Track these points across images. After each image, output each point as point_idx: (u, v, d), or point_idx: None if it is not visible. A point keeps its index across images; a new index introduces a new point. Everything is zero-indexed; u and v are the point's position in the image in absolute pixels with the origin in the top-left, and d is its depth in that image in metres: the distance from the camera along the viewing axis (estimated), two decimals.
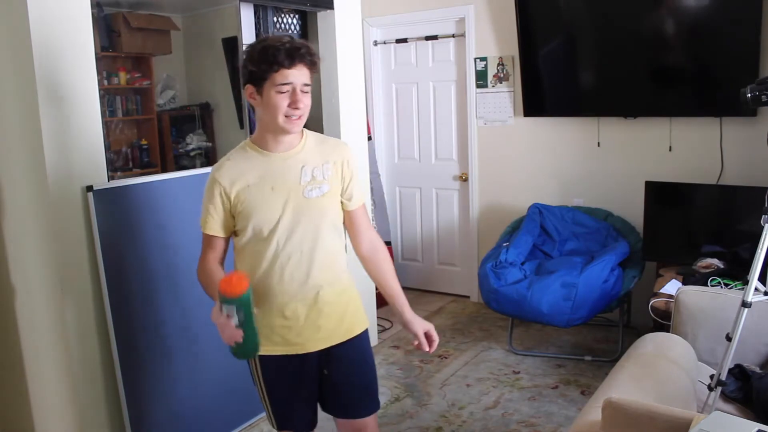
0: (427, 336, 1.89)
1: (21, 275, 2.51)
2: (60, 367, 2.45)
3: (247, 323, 1.63)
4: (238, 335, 1.62)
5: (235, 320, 1.61)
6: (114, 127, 3.66)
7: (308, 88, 1.74)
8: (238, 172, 1.78)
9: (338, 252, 1.89)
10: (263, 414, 3.09)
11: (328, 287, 1.85)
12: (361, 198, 1.93)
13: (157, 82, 3.77)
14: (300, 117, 1.74)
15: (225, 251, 1.87)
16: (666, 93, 3.70)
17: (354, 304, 1.94)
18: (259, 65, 1.69)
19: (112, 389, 2.51)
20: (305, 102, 1.74)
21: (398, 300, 1.92)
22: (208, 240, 1.85)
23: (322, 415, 1.98)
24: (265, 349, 1.80)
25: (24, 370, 2.59)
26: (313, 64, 1.73)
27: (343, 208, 1.89)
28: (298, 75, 1.70)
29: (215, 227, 1.83)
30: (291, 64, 1.68)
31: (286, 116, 1.72)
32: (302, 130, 1.85)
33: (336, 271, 1.88)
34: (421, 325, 1.89)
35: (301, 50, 1.69)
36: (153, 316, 2.59)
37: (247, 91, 1.74)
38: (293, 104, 1.70)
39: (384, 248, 1.97)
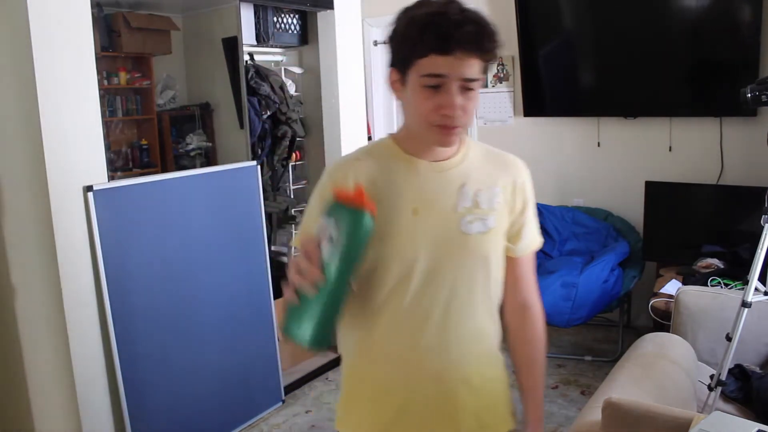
0: None
1: (21, 275, 2.51)
2: (60, 367, 2.44)
3: (343, 263, 1.04)
4: (318, 275, 1.03)
5: (327, 249, 1.04)
6: (114, 127, 3.66)
7: (476, 85, 1.14)
8: (366, 179, 1.18)
9: (493, 316, 1.30)
10: (263, 414, 3.11)
11: (475, 368, 1.28)
12: (534, 241, 1.32)
13: (157, 82, 3.77)
14: (456, 128, 1.15)
15: None
16: (666, 93, 3.70)
17: (504, 395, 1.36)
18: (401, 43, 1.14)
19: (113, 389, 2.51)
20: (465, 106, 1.14)
21: (535, 410, 1.36)
22: None
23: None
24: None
25: (24, 370, 2.59)
26: (486, 52, 1.13)
27: (505, 254, 1.29)
28: (457, 65, 1.10)
29: None
30: (447, 49, 1.09)
31: (430, 123, 1.14)
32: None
33: (489, 346, 1.31)
34: None
35: (467, 28, 1.10)
36: (153, 315, 2.59)
37: (391, 77, 1.20)
38: (442, 108, 1.12)
39: (542, 319, 1.36)
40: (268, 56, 3.84)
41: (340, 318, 1.10)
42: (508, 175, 1.28)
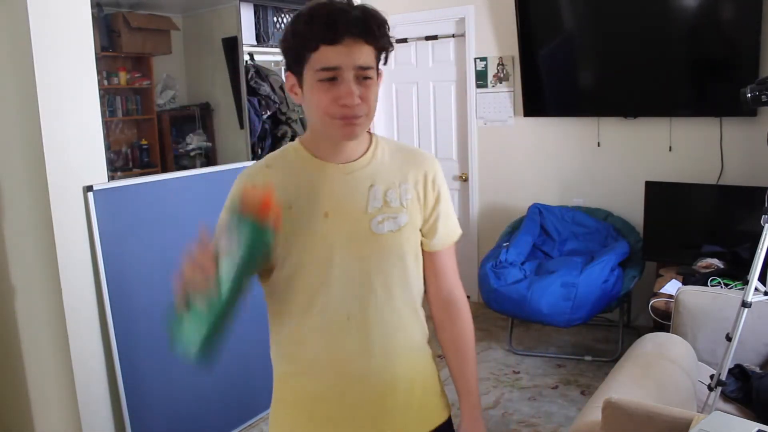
0: None
1: (21, 275, 2.51)
2: (60, 366, 2.45)
3: (237, 278, 1.02)
4: (211, 269, 1.02)
5: (225, 263, 1.02)
6: (114, 127, 3.66)
7: (371, 73, 1.14)
8: (277, 186, 1.14)
9: (416, 311, 1.31)
10: (263, 414, 3.10)
11: (402, 365, 1.28)
12: (451, 234, 1.32)
13: (157, 82, 3.77)
14: (357, 119, 1.14)
15: None
16: (666, 93, 3.70)
17: (434, 387, 1.37)
18: (291, 40, 1.13)
19: (113, 389, 2.51)
20: (364, 95, 1.13)
21: (468, 397, 1.35)
22: None
23: None
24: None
25: (24, 370, 2.59)
26: (376, 38, 1.13)
27: (422, 248, 1.30)
28: (348, 53, 1.10)
29: None
30: (335, 37, 1.09)
31: (331, 117, 1.13)
32: (371, 134, 1.28)
33: (413, 341, 1.31)
34: None
35: (353, 14, 1.10)
36: (153, 315, 2.59)
37: (288, 82, 1.19)
38: (340, 99, 1.11)
39: (468, 311, 1.37)
40: (268, 56, 3.84)
41: (227, 333, 1.07)
42: (418, 169, 1.27)
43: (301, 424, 1.28)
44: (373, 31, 1.12)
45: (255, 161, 1.32)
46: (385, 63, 1.19)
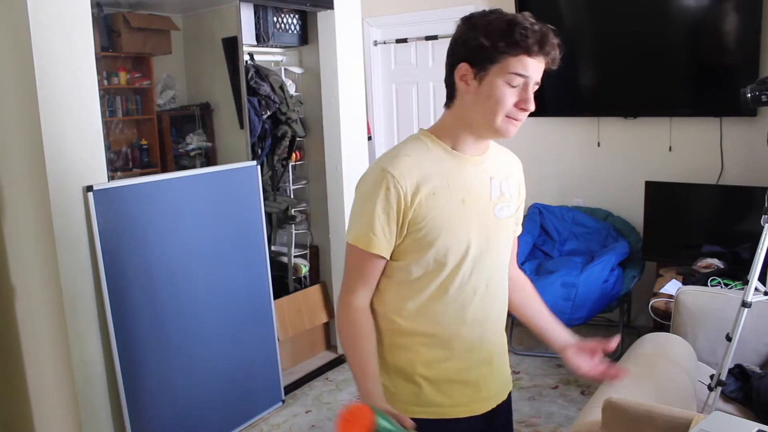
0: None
1: (21, 275, 2.51)
2: (60, 367, 2.45)
3: None
4: None
5: None
6: (114, 127, 3.66)
7: (537, 88, 1.31)
8: (421, 172, 1.30)
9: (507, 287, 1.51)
10: (263, 414, 3.11)
11: (499, 337, 1.49)
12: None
13: (157, 82, 3.76)
14: (520, 122, 1.33)
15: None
16: (666, 93, 3.70)
17: (506, 353, 1.55)
18: (496, 41, 1.24)
19: (113, 389, 2.51)
20: (534, 104, 1.31)
21: (555, 324, 1.53)
22: (367, 265, 1.34)
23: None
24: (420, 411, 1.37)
25: (24, 370, 2.59)
26: (554, 61, 1.30)
27: None
28: (537, 68, 1.27)
29: (383, 245, 1.31)
30: (538, 52, 1.25)
31: (507, 116, 1.30)
32: None
33: (505, 313, 1.50)
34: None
35: (551, 39, 1.27)
36: (153, 315, 2.59)
37: (460, 71, 1.31)
38: (523, 103, 1.28)
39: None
40: (268, 56, 3.84)
41: None
42: (514, 166, 1.49)
43: (422, 386, 1.39)
44: (557, 56, 1.30)
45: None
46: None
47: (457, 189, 1.33)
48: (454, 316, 1.37)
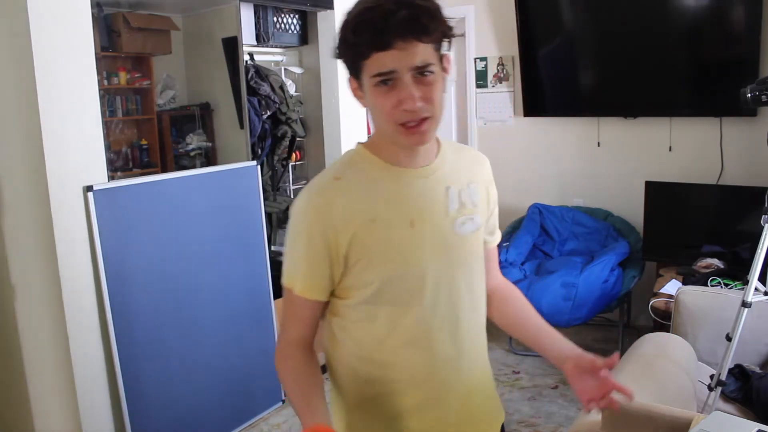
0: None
1: (21, 275, 2.51)
2: (60, 367, 2.45)
3: None
4: None
5: None
6: (114, 127, 3.66)
7: (432, 69, 1.06)
8: (354, 199, 1.11)
9: (485, 312, 1.29)
10: (263, 414, 3.11)
11: (480, 364, 1.28)
12: (498, 228, 1.35)
13: (157, 82, 3.77)
14: (423, 123, 1.07)
15: (318, 323, 1.21)
16: (666, 93, 3.70)
17: (492, 384, 1.36)
18: (346, 50, 1.09)
19: (113, 389, 2.51)
20: (428, 93, 1.05)
21: (551, 334, 1.35)
22: (300, 307, 1.17)
23: None
24: None
25: (24, 370, 2.59)
26: (430, 33, 1.04)
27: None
28: (401, 57, 1.03)
29: (315, 287, 1.15)
30: (387, 42, 1.02)
31: (395, 123, 1.07)
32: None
33: (484, 338, 1.29)
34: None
35: (400, 15, 1.00)
36: (153, 316, 2.59)
37: (351, 85, 1.15)
38: (402, 104, 1.05)
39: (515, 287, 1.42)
40: (268, 56, 3.84)
41: None
42: (481, 171, 1.27)
43: None
44: (426, 27, 1.03)
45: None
46: (449, 49, 1.10)
47: (403, 211, 1.12)
48: (420, 359, 1.16)
